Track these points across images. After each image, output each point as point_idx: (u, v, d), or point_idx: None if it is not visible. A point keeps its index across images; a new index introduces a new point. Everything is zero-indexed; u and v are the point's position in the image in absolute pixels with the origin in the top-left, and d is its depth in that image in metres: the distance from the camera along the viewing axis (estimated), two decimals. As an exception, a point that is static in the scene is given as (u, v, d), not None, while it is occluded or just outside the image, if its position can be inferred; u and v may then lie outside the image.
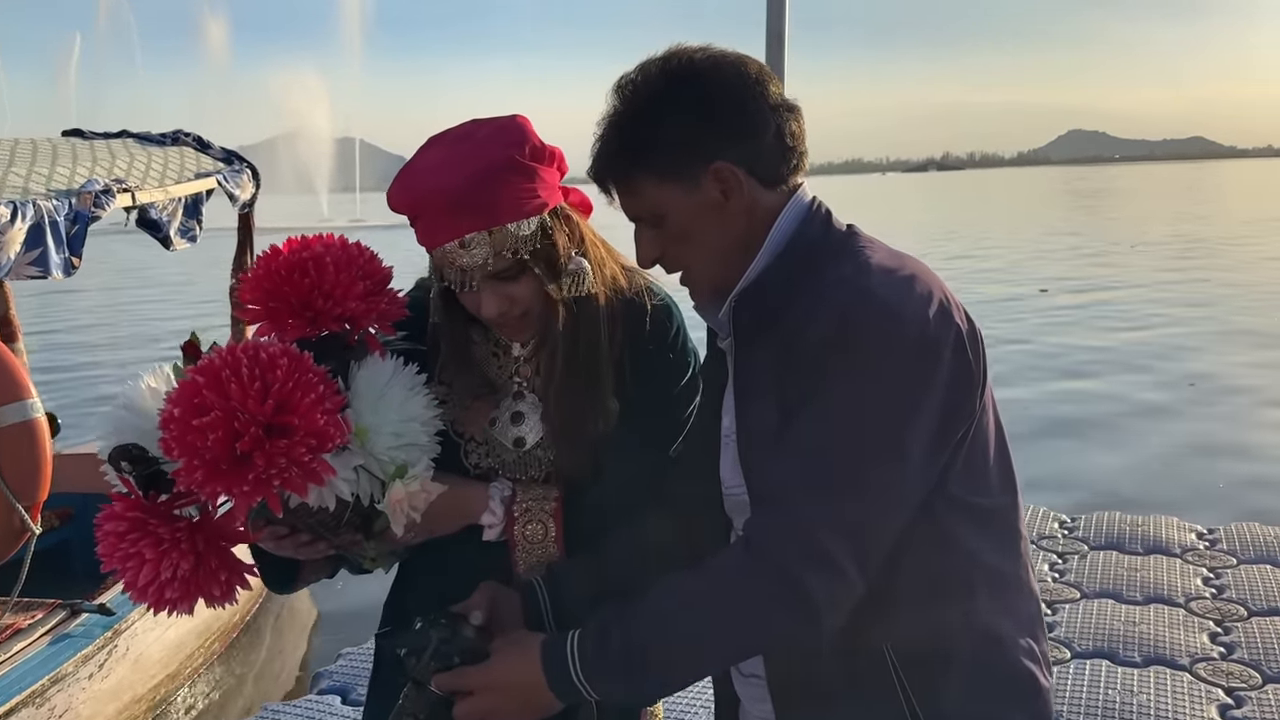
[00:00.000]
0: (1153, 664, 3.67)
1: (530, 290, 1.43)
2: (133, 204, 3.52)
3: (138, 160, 3.89)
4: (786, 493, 1.17)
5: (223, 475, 1.14)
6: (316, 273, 1.28)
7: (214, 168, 4.14)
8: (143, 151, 4.04)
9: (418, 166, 1.40)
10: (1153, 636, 3.86)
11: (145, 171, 3.79)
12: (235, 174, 4.22)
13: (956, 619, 1.24)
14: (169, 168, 3.96)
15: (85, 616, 3.64)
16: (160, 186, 3.74)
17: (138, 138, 4.29)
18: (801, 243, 1.28)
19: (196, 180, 3.96)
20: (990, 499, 1.26)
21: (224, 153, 4.27)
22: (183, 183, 3.88)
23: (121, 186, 3.50)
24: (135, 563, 1.24)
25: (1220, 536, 4.85)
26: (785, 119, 1.27)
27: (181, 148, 4.23)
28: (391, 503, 1.28)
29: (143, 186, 3.64)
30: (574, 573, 1.48)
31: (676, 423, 1.57)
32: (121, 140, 4.28)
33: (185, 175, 3.96)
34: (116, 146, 4.10)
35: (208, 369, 1.17)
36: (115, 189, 3.43)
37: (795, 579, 1.13)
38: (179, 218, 3.73)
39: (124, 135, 4.40)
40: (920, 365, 1.16)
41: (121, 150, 4.03)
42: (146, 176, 3.75)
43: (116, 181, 3.51)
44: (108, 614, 3.65)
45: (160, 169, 3.90)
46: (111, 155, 3.90)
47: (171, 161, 4.04)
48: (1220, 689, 3.46)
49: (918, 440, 1.16)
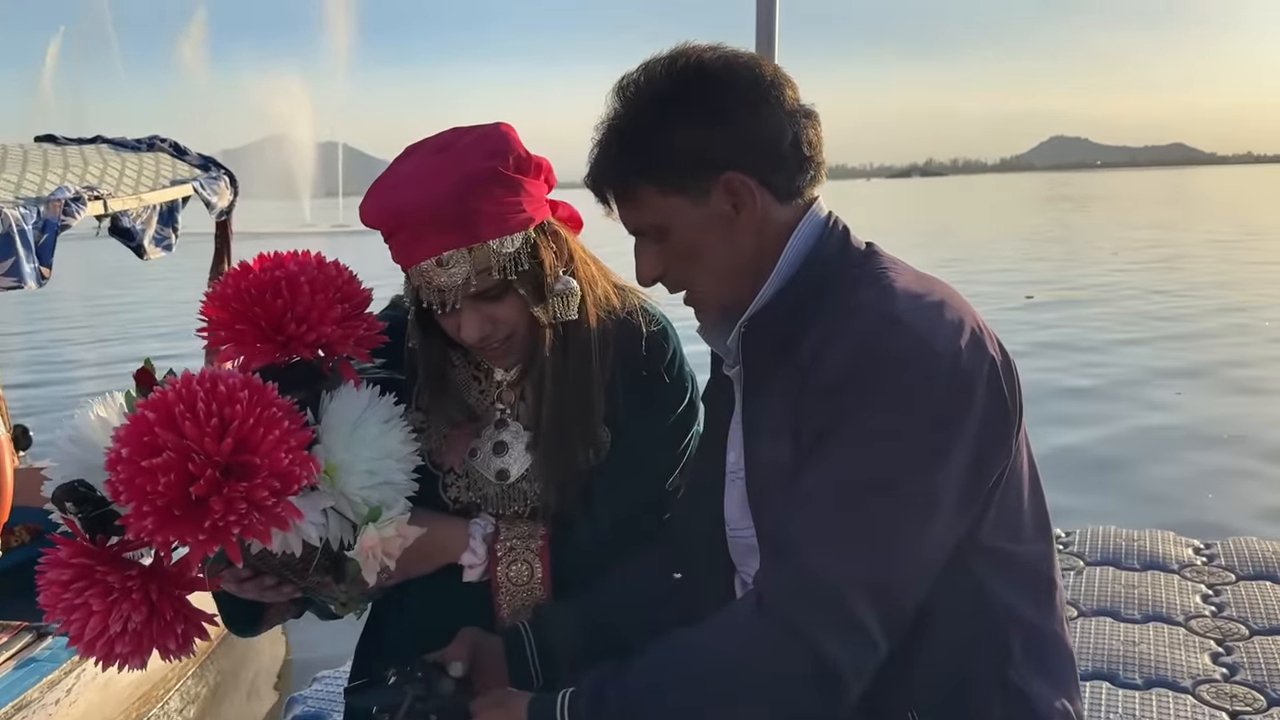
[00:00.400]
0: (1154, 686, 3.57)
1: (515, 312, 1.32)
2: (104, 212, 3.40)
3: (111, 167, 3.77)
4: (804, 544, 1.06)
5: (176, 522, 1.03)
6: (290, 294, 1.17)
7: (190, 174, 4.02)
8: (116, 158, 3.92)
9: (392, 178, 1.29)
10: (1154, 657, 3.77)
11: (118, 178, 3.67)
12: (212, 181, 4.10)
13: (989, 681, 1.13)
14: (143, 174, 3.84)
15: (52, 640, 3.51)
16: (134, 194, 3.62)
17: (112, 143, 4.16)
18: (818, 262, 1.17)
19: (172, 187, 3.84)
20: (1024, 546, 1.16)
21: (200, 159, 4.14)
22: (157, 190, 3.76)
23: (93, 194, 3.38)
24: (81, 614, 1.13)
25: (1218, 552, 4.76)
26: (802, 126, 1.16)
27: (157, 154, 4.11)
28: (363, 549, 1.17)
29: (115, 194, 3.52)
30: (562, 617, 1.37)
31: (672, 455, 1.46)
32: (95, 146, 4.15)
33: (160, 182, 3.83)
34: (90, 153, 3.98)
35: (160, 403, 1.06)
36: (86, 196, 3.31)
37: (818, 648, 1.01)
38: (153, 226, 3.61)
39: (98, 141, 4.27)
40: (952, 402, 1.05)
41: (95, 156, 3.91)
42: (120, 183, 3.63)
43: (88, 189, 3.39)
44: (75, 639, 3.52)
45: (134, 176, 3.78)
46: (84, 162, 3.78)
47: (146, 168, 3.92)
48: (1225, 713, 3.37)
49: (950, 486, 1.05)
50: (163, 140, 4.16)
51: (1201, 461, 7.25)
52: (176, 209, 3.84)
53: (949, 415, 1.05)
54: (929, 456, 1.05)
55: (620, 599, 1.38)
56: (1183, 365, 10.54)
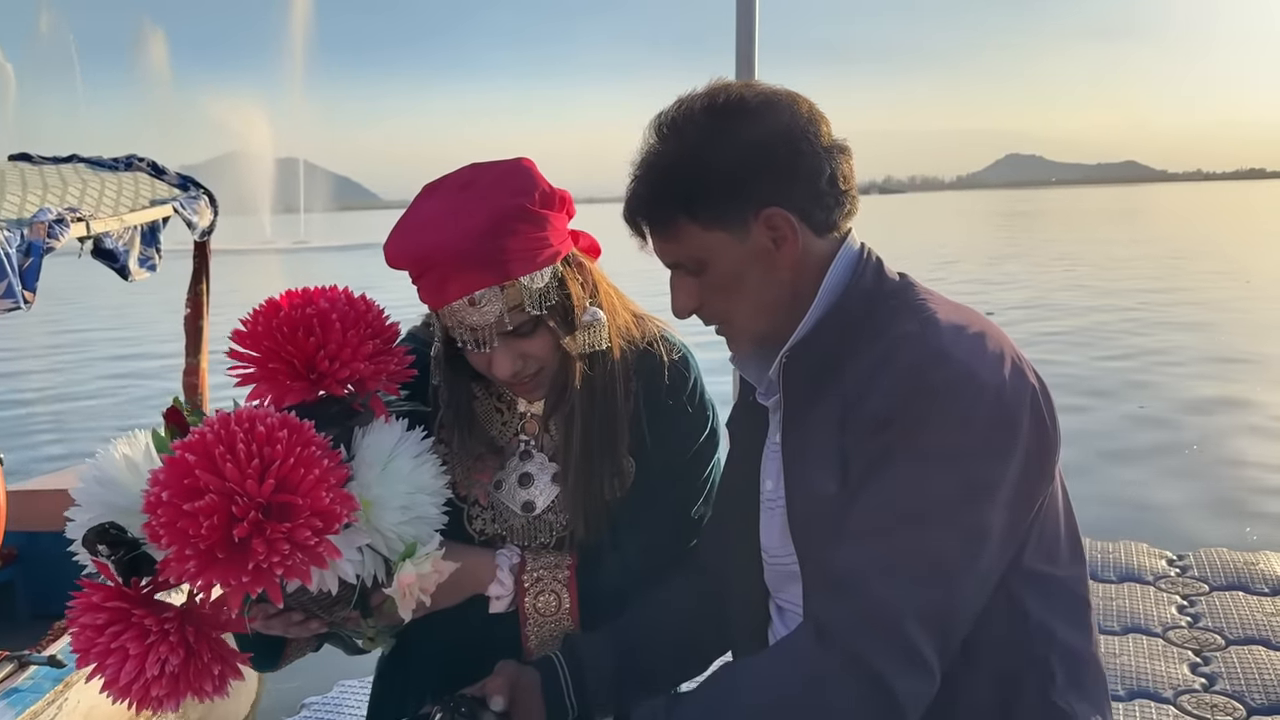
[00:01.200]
0: (1137, 697, 3.63)
1: (545, 346, 1.33)
2: (87, 233, 3.34)
3: (90, 187, 3.71)
4: (862, 576, 1.06)
5: (219, 565, 1.03)
6: (323, 331, 1.17)
7: (170, 194, 3.95)
8: (95, 177, 3.85)
9: (417, 220, 1.29)
10: (1134, 668, 3.83)
11: (99, 199, 3.60)
12: (192, 200, 4.04)
13: (1035, 704, 1.14)
14: (123, 194, 3.78)
15: (34, 669, 3.43)
16: (115, 215, 3.55)
17: (89, 162, 4.09)
18: (857, 294, 1.19)
19: (152, 207, 3.78)
20: (1062, 569, 1.17)
21: (180, 178, 4.08)
22: (138, 210, 3.69)
23: (75, 215, 3.32)
24: (117, 658, 1.11)
25: (1191, 563, 4.86)
26: (838, 161, 1.17)
27: (135, 173, 4.04)
28: (401, 586, 1.17)
29: (96, 215, 3.46)
30: (596, 647, 1.37)
31: (696, 483, 1.47)
32: (72, 165, 4.08)
33: (140, 202, 3.77)
34: (68, 172, 3.91)
35: (199, 445, 1.05)
36: (69, 218, 3.25)
37: (880, 678, 1.02)
38: (137, 246, 3.55)
39: (74, 160, 4.20)
40: (1001, 432, 1.07)
41: (73, 176, 3.84)
42: (100, 204, 3.56)
43: (70, 210, 3.33)
44: (58, 666, 3.44)
45: (114, 196, 3.71)
46: (63, 182, 3.71)
47: (125, 188, 3.86)
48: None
49: (1000, 514, 1.07)
50: (140, 159, 4.09)
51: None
52: (158, 229, 3.79)
53: (998, 445, 1.07)
54: (981, 486, 1.06)
55: (651, 628, 1.38)
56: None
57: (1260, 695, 3.57)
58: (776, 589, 1.31)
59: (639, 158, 1.20)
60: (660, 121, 1.19)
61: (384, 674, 1.59)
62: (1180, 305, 16.64)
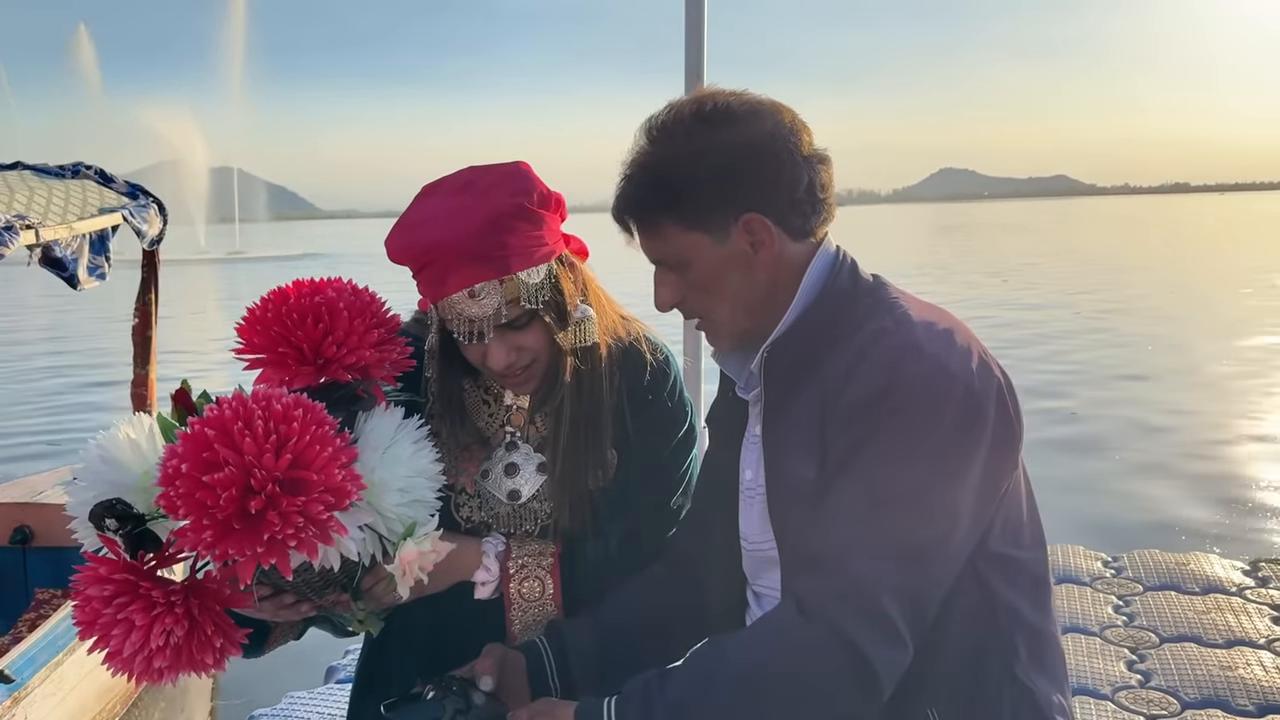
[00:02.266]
0: (1077, 694, 3.76)
1: (539, 340, 1.39)
2: (36, 241, 3.29)
3: (38, 195, 3.66)
4: (840, 554, 1.13)
5: (235, 535, 1.06)
6: (331, 319, 1.22)
7: (118, 202, 3.91)
8: (43, 185, 3.80)
9: (419, 217, 1.34)
10: (1074, 666, 3.96)
11: (46, 206, 3.55)
12: (141, 209, 4.01)
13: (1000, 679, 1.22)
14: (71, 202, 3.73)
15: (-14, 674, 3.36)
16: (64, 223, 3.50)
17: (35, 169, 4.03)
18: (833, 293, 1.26)
19: (101, 216, 3.74)
20: (1025, 552, 1.25)
21: (129, 186, 4.04)
22: (87, 218, 3.65)
23: (24, 223, 3.27)
24: (123, 629, 1.14)
25: (1125, 564, 5.04)
26: (817, 170, 1.24)
27: (84, 181, 3.99)
28: (402, 563, 1.21)
29: (45, 222, 3.42)
30: (578, 631, 1.42)
31: (676, 475, 1.54)
32: (18, 172, 4.02)
33: (89, 210, 3.72)
34: (14, 179, 3.85)
35: (218, 421, 1.09)
36: (18, 225, 3.21)
37: (858, 649, 1.08)
38: (86, 255, 3.51)
39: (19, 167, 4.14)
40: (969, 421, 1.14)
41: (20, 183, 3.78)
42: (48, 212, 3.51)
43: (18, 217, 3.28)
44: (7, 681, 3.37)
45: (62, 204, 3.66)
46: (10, 189, 3.66)
47: (74, 196, 3.81)
48: (1143, 717, 3.57)
49: (969, 497, 1.14)
50: (88, 167, 4.05)
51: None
52: (108, 237, 3.75)
53: (966, 432, 1.14)
54: (952, 471, 1.14)
55: (631, 613, 1.43)
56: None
57: (1193, 690, 3.73)
58: (754, 575, 1.38)
59: (629, 158, 1.27)
60: (650, 124, 1.25)
61: (364, 665, 1.62)
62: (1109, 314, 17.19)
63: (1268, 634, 4.15)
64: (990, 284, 24.01)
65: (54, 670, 3.55)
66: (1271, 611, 4.39)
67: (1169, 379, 11.60)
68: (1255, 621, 4.27)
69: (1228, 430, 9.07)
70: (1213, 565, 4.93)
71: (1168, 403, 10.23)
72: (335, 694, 3.97)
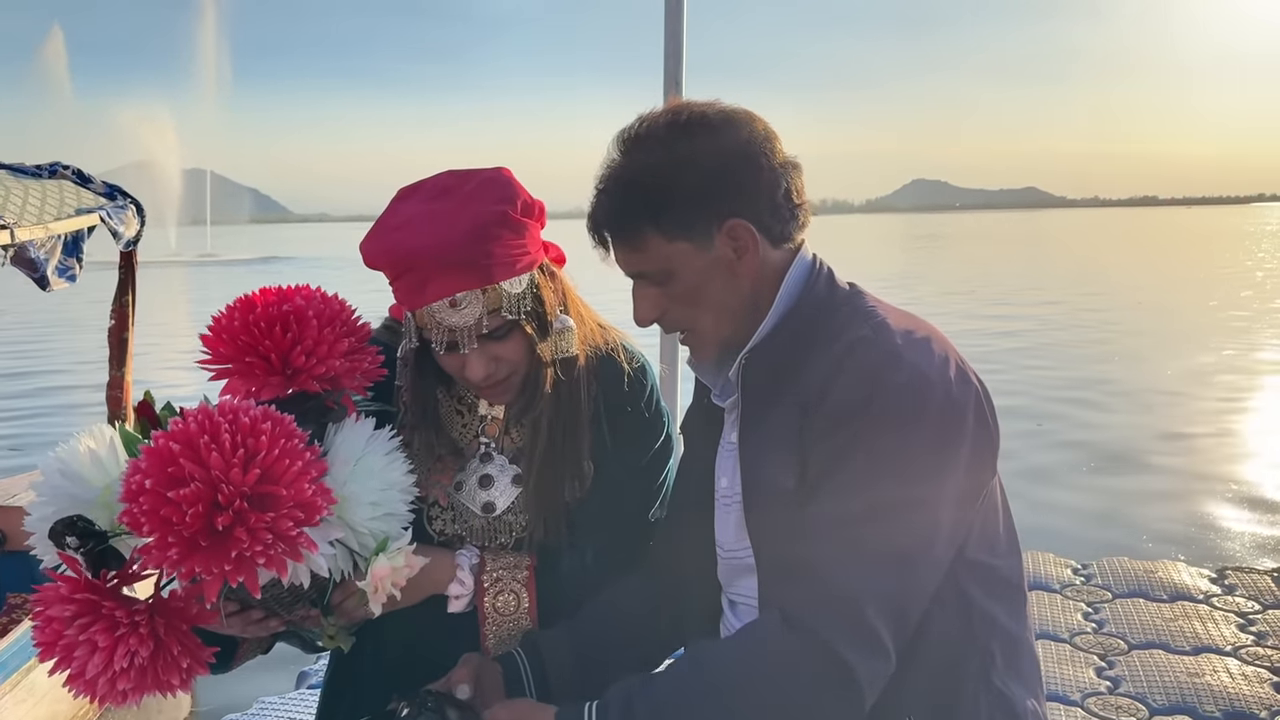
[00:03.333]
0: (1048, 700, 3.77)
1: (518, 350, 1.37)
2: (10, 241, 3.23)
3: (13, 194, 3.59)
4: (823, 563, 1.12)
5: (201, 553, 1.04)
6: (299, 328, 1.19)
7: (95, 203, 3.85)
8: (18, 184, 3.74)
9: (397, 221, 1.32)
10: (1044, 672, 3.96)
11: (22, 206, 3.49)
12: (119, 210, 3.94)
13: (977, 686, 1.22)
14: (47, 202, 3.67)
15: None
16: (39, 223, 3.44)
17: (10, 169, 3.96)
18: (811, 301, 1.26)
19: (78, 216, 3.68)
20: (1001, 560, 1.26)
21: (106, 187, 3.98)
22: (63, 219, 3.59)
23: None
24: (85, 650, 1.11)
25: (1094, 571, 5.08)
26: (792, 177, 1.25)
27: (60, 181, 3.92)
28: (374, 578, 1.19)
29: (20, 222, 3.36)
30: (555, 642, 1.41)
31: (653, 486, 1.52)
32: (-6, 172, 3.95)
33: (65, 211, 3.66)
34: (-12, 179, 3.79)
35: (183, 435, 1.06)
36: (-8, 226, 3.15)
37: (840, 658, 1.08)
38: (57, 256, 3.45)
39: None
40: (949, 429, 1.15)
41: (-6, 183, 3.72)
42: (23, 212, 3.45)
43: (-7, 217, 3.23)
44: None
45: (38, 204, 3.60)
46: (-17, 189, 3.60)
47: (50, 196, 3.75)
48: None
49: (949, 505, 1.15)
50: (65, 167, 3.98)
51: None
52: (82, 238, 3.69)
53: (946, 440, 1.15)
54: (933, 479, 1.14)
55: (607, 624, 1.42)
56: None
57: (1161, 696, 3.76)
58: (729, 583, 1.37)
59: (603, 171, 1.26)
60: (624, 136, 1.24)
61: (333, 679, 1.59)
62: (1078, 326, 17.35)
63: (1234, 641, 4.19)
64: (958, 295, 24.21)
65: (25, 676, 3.48)
66: (1237, 619, 4.44)
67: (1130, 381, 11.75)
68: (1222, 629, 4.31)
69: (1193, 434, 9.19)
70: (1180, 573, 4.98)
71: (1132, 406, 10.36)
72: (307, 699, 3.93)
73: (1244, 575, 5.00)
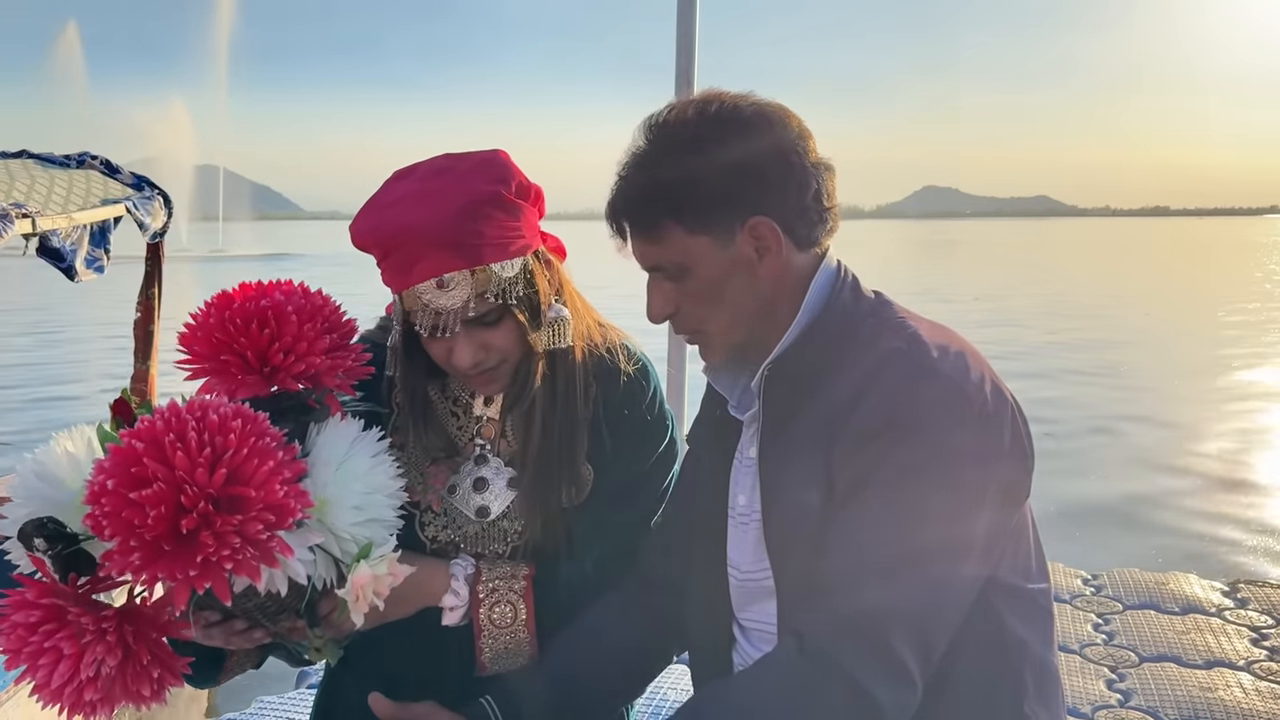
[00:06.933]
0: (1057, 713, 3.71)
1: (509, 338, 1.30)
2: (33, 230, 3.19)
3: (39, 183, 3.56)
4: (846, 585, 1.06)
5: (165, 558, 0.98)
6: (277, 324, 1.14)
7: (122, 193, 3.82)
8: (45, 174, 3.71)
9: (388, 199, 1.26)
10: (1055, 686, 3.92)
11: (47, 195, 3.46)
12: (146, 201, 3.91)
13: (1008, 714, 1.15)
14: (73, 192, 3.64)
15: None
16: (64, 213, 3.41)
17: (39, 158, 3.94)
18: (836, 310, 1.20)
19: (103, 206, 3.64)
20: (1032, 583, 1.19)
21: (134, 178, 3.96)
22: (88, 209, 3.56)
23: (21, 211, 3.17)
24: (50, 659, 1.06)
25: (1105, 582, 5.00)
26: (824, 179, 1.18)
27: (88, 171, 3.90)
28: (355, 587, 1.13)
29: (44, 212, 3.32)
30: (528, 684, 1.32)
31: (655, 493, 1.45)
32: (21, 161, 3.92)
33: (91, 201, 3.63)
34: (15, 168, 3.75)
35: (148, 433, 1.01)
36: (14, 214, 3.11)
37: (860, 686, 1.01)
38: (85, 246, 3.42)
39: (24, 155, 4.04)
40: (985, 446, 1.09)
41: (21, 172, 3.69)
42: (48, 201, 3.42)
43: (15, 205, 3.19)
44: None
45: (64, 193, 3.57)
46: (10, 177, 3.56)
47: (76, 186, 3.72)
48: (1122, 737, 3.52)
49: (981, 526, 1.08)
50: (94, 157, 3.96)
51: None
52: (109, 229, 3.66)
53: (982, 458, 1.08)
54: (966, 498, 1.07)
55: (588, 654, 1.34)
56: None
57: (1173, 711, 3.68)
58: (742, 607, 1.28)
59: (627, 158, 1.19)
60: (651, 123, 1.18)
61: (325, 695, 1.53)
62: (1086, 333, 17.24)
63: (1247, 655, 4.11)
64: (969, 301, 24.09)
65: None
66: (1250, 633, 4.35)
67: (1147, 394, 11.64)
68: (1235, 643, 4.23)
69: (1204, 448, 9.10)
70: (1192, 585, 4.89)
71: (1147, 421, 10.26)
72: (306, 699, 3.88)
73: (1257, 589, 4.91)
